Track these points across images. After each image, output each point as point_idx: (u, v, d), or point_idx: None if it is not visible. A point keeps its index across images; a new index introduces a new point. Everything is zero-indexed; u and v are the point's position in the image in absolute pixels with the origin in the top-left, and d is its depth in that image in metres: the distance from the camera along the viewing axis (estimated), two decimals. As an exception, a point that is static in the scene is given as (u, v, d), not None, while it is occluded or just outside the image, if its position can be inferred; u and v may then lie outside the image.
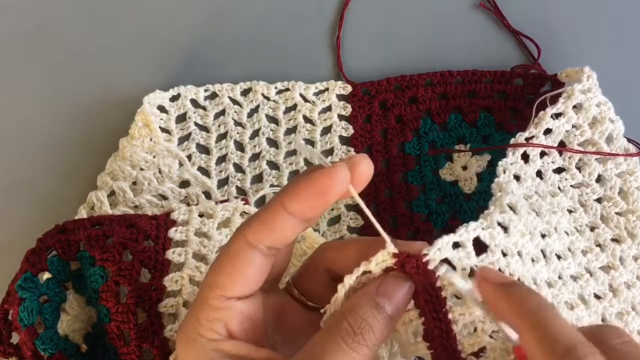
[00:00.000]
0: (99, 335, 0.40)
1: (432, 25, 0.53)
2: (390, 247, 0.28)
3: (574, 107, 0.45)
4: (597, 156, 0.45)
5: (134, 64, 0.53)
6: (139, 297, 0.38)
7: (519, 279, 0.32)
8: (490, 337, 0.28)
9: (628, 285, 0.42)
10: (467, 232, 0.29)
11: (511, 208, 0.35)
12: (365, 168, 0.28)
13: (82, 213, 0.45)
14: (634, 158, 0.45)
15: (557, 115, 0.45)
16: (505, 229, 0.33)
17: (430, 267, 0.28)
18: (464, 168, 0.49)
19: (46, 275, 0.39)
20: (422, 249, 0.28)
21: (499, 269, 0.31)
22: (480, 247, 0.31)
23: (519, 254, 0.33)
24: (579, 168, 0.45)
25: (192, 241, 0.40)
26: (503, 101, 0.50)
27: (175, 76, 0.52)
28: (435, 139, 0.50)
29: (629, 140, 0.46)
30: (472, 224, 0.30)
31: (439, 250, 0.28)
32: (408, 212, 0.49)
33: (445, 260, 0.28)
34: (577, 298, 0.37)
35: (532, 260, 0.34)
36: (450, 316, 0.28)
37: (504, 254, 0.32)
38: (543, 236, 0.37)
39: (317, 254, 0.33)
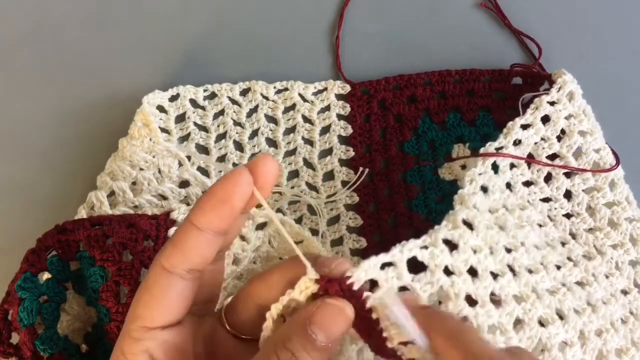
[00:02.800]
0: (99, 335, 0.40)
1: (432, 25, 0.53)
2: (311, 274, 0.27)
3: (543, 118, 0.43)
4: (565, 170, 0.44)
5: (134, 64, 0.53)
6: (139, 297, 0.38)
7: (469, 296, 0.31)
8: None
9: (604, 302, 0.41)
10: (400, 252, 0.29)
11: (467, 223, 0.34)
12: (269, 167, 0.27)
13: (82, 213, 0.45)
14: (602, 174, 0.44)
15: (526, 127, 0.43)
16: (454, 246, 0.32)
17: (355, 288, 0.27)
18: (463, 167, 0.49)
19: (46, 276, 0.39)
20: (345, 271, 0.27)
21: (441, 287, 0.30)
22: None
23: (473, 270, 0.32)
24: (547, 182, 0.44)
25: None
26: (502, 100, 0.50)
27: (175, 76, 0.52)
28: (434, 138, 0.50)
29: (612, 150, 0.45)
30: (410, 243, 0.29)
31: (364, 272, 0.27)
32: (407, 212, 0.49)
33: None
34: (554, 313, 0.35)
35: (496, 276, 0.33)
36: (385, 334, 0.27)
37: (450, 272, 0.31)
38: (509, 251, 0.36)
39: (243, 288, 0.31)
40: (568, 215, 0.44)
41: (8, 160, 0.51)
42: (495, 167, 0.42)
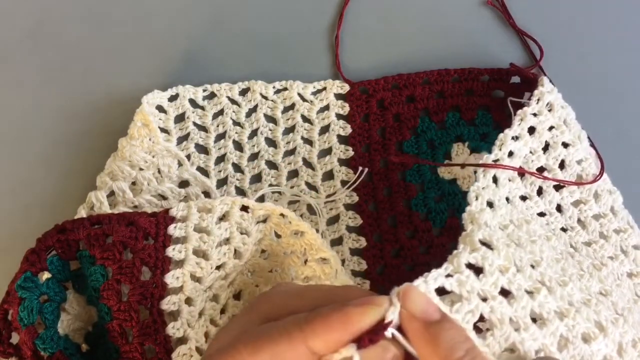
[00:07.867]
0: (99, 334, 0.40)
1: (433, 25, 0.53)
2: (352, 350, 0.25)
3: (529, 130, 0.42)
4: (554, 183, 0.43)
5: (133, 64, 0.53)
6: (141, 295, 0.38)
7: (512, 320, 0.30)
8: None
9: (629, 310, 0.39)
10: (425, 283, 0.27)
11: (485, 244, 0.32)
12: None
13: (82, 213, 0.45)
14: (587, 186, 0.43)
15: (515, 138, 0.42)
16: (479, 269, 0.30)
17: (388, 334, 0.26)
18: (462, 166, 0.49)
19: (46, 275, 0.39)
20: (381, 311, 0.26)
21: (482, 316, 0.28)
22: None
23: (505, 292, 0.30)
24: (539, 195, 0.43)
25: (192, 237, 0.40)
26: (501, 99, 0.50)
27: (174, 76, 0.52)
28: (433, 137, 0.50)
29: (598, 155, 0.44)
30: (433, 273, 0.28)
31: (395, 311, 0.26)
32: (407, 211, 0.49)
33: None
34: (594, 326, 0.33)
35: (531, 293, 0.31)
36: None
37: (484, 299, 0.29)
38: (533, 266, 0.34)
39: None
40: (564, 229, 0.43)
41: (8, 160, 0.51)
42: (494, 181, 0.40)
